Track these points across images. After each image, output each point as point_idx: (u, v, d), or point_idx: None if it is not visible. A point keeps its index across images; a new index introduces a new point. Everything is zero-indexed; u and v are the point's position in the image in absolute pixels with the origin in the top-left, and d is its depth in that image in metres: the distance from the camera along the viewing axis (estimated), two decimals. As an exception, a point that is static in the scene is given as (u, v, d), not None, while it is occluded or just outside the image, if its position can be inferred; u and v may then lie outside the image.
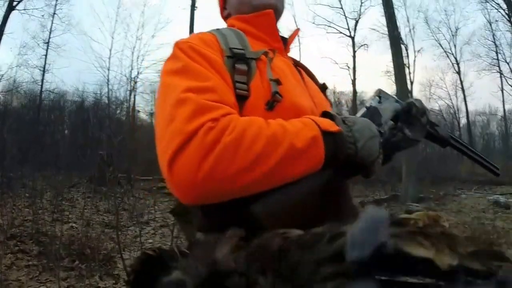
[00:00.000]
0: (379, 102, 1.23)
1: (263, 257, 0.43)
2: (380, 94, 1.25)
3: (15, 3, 20.71)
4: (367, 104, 1.24)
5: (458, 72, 30.63)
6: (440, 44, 30.50)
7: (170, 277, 0.47)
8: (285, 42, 1.40)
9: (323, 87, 1.43)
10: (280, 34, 1.37)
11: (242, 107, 1.03)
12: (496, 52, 28.36)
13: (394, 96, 1.27)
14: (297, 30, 1.50)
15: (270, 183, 0.91)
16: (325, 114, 1.07)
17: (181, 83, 0.98)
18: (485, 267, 0.38)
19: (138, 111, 28.98)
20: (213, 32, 1.19)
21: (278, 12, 1.36)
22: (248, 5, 1.34)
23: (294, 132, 0.93)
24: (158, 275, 0.49)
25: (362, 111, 1.22)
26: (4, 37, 19.80)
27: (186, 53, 1.07)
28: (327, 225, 0.47)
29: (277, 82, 1.08)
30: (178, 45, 1.11)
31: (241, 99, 1.04)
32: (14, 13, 20.93)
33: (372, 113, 1.19)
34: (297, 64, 1.39)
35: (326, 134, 0.96)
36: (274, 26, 1.33)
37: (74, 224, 7.03)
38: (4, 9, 20.23)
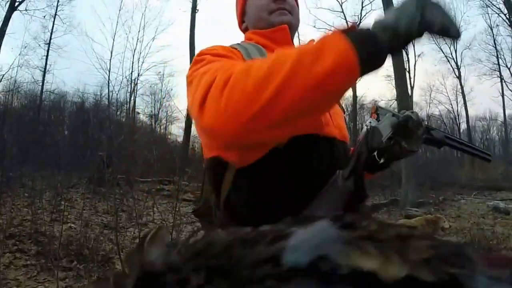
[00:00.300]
0: (378, 119, 1.24)
1: (206, 254, 0.42)
2: (377, 111, 1.27)
3: (16, 3, 20.75)
4: (367, 123, 1.26)
5: (459, 77, 30.75)
6: (440, 49, 30.56)
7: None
8: None
9: None
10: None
11: None
12: (497, 57, 28.45)
13: (391, 110, 1.29)
14: (311, 41, 1.52)
15: (298, 92, 0.86)
16: None
17: (209, 67, 1.05)
18: (435, 277, 0.34)
19: (138, 113, 29.03)
20: (235, 46, 1.28)
21: (292, 28, 1.43)
22: (266, 21, 1.42)
23: (305, 45, 0.95)
24: None
25: (363, 131, 1.24)
26: (5, 37, 19.83)
27: (210, 54, 1.16)
28: (275, 225, 0.45)
29: None
30: (202, 51, 1.21)
31: None
32: (15, 14, 20.98)
33: (373, 133, 1.20)
34: None
35: (343, 31, 0.90)
36: (290, 40, 1.41)
37: (72, 225, 7.01)
38: (5, 9, 20.28)
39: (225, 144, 1.00)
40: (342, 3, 29.34)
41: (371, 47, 0.88)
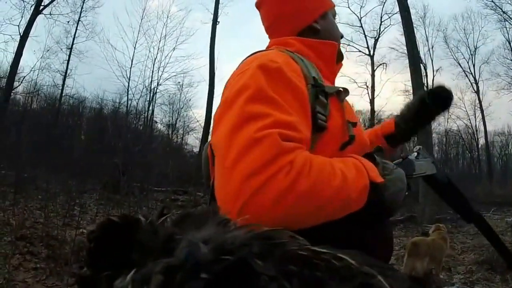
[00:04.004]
0: (417, 157, 1.48)
1: (285, 258, 0.42)
2: (419, 151, 1.51)
3: (41, 7, 21.11)
4: (404, 155, 1.46)
5: (477, 92, 30.46)
6: (459, 63, 30.46)
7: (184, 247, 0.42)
8: None
9: None
10: None
11: (319, 139, 1.13)
12: (515, 71, 28.10)
13: (432, 157, 1.52)
14: (341, 64, 1.55)
15: (326, 220, 1.00)
16: (369, 156, 1.18)
17: (262, 112, 1.00)
18: None
19: (156, 122, 29.16)
20: (293, 56, 1.23)
21: (341, 56, 1.51)
22: (335, 41, 1.47)
23: (351, 183, 1.03)
24: (123, 244, 0.42)
25: (399, 160, 1.44)
26: (28, 39, 20.14)
27: (271, 76, 1.08)
28: (359, 260, 0.47)
29: (353, 125, 1.21)
30: (266, 64, 1.12)
31: (320, 130, 1.13)
32: (40, 17, 21.37)
33: (407, 164, 1.41)
34: None
35: (372, 184, 1.08)
36: (335, 58, 1.43)
37: (84, 230, 6.97)
38: (30, 12, 20.62)
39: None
40: (361, 18, 29.38)
41: (370, 202, 1.07)
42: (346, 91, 1.27)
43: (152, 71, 27.68)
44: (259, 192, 0.90)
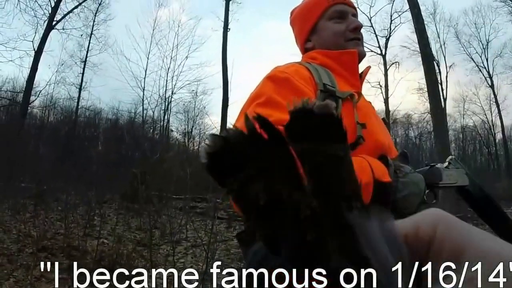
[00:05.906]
0: (446, 167, 1.38)
1: None
2: (451, 160, 1.41)
3: (54, 22, 21.37)
4: (432, 163, 1.39)
5: (492, 86, 30.11)
6: (471, 58, 30.26)
7: None
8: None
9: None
10: None
11: None
12: (529, 63, 27.83)
13: (465, 168, 1.43)
14: (369, 67, 1.60)
15: None
16: (382, 158, 1.21)
17: (265, 113, 1.08)
18: None
19: (172, 130, 29.25)
20: (307, 66, 1.35)
21: (362, 58, 1.52)
22: (341, 47, 1.48)
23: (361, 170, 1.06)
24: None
25: (425, 167, 1.37)
26: (43, 54, 20.36)
27: (279, 84, 1.24)
28: None
29: (363, 126, 1.23)
30: (275, 75, 1.28)
31: None
32: (53, 32, 21.63)
33: (432, 172, 1.34)
34: None
35: (379, 183, 1.10)
36: (356, 66, 1.48)
37: (105, 240, 7.00)
38: (44, 27, 20.88)
39: None
40: (371, 18, 29.23)
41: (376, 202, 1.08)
42: (359, 94, 1.35)
43: (166, 81, 27.80)
44: None
